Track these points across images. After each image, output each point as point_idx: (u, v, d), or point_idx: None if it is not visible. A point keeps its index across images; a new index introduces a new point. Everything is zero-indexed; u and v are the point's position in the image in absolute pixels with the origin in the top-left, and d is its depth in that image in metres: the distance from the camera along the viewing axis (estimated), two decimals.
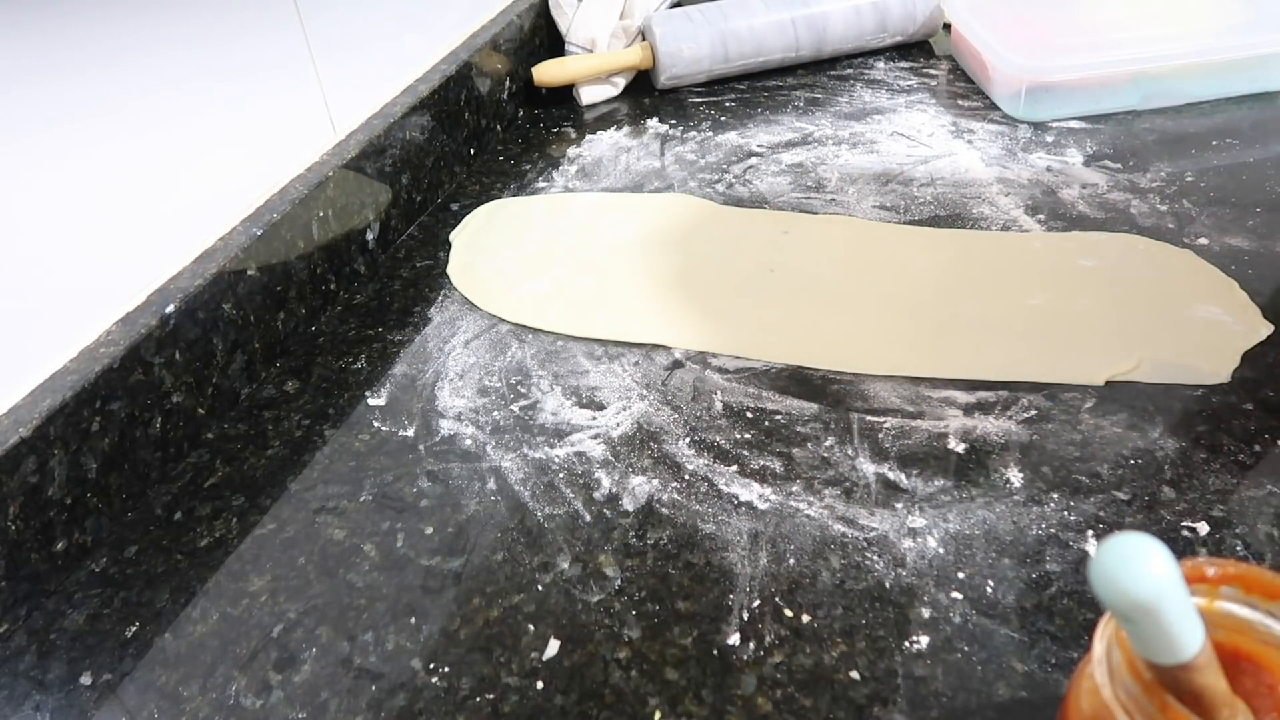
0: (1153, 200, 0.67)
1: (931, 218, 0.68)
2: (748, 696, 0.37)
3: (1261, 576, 0.28)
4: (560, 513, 0.46)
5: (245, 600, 0.43)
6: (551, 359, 0.57)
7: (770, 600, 0.40)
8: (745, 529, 0.44)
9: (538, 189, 0.78)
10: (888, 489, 0.46)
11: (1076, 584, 0.40)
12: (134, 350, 0.48)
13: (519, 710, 0.37)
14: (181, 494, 0.49)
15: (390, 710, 0.38)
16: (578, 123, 0.90)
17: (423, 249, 0.71)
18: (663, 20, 0.92)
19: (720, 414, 0.52)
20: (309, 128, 0.65)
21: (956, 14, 0.91)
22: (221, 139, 0.57)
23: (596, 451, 0.50)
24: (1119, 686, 0.27)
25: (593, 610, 0.41)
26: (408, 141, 0.72)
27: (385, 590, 0.43)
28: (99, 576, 0.45)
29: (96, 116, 0.48)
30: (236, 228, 0.57)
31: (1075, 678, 0.30)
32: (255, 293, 0.57)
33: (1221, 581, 0.29)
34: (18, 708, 0.39)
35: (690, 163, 0.79)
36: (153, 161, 0.52)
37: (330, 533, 0.46)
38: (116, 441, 0.47)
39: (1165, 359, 0.52)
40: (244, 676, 0.40)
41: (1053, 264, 0.61)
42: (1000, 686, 0.36)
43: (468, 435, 0.52)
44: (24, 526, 0.43)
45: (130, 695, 0.39)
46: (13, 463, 0.42)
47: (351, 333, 0.61)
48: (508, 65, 0.90)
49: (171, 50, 0.53)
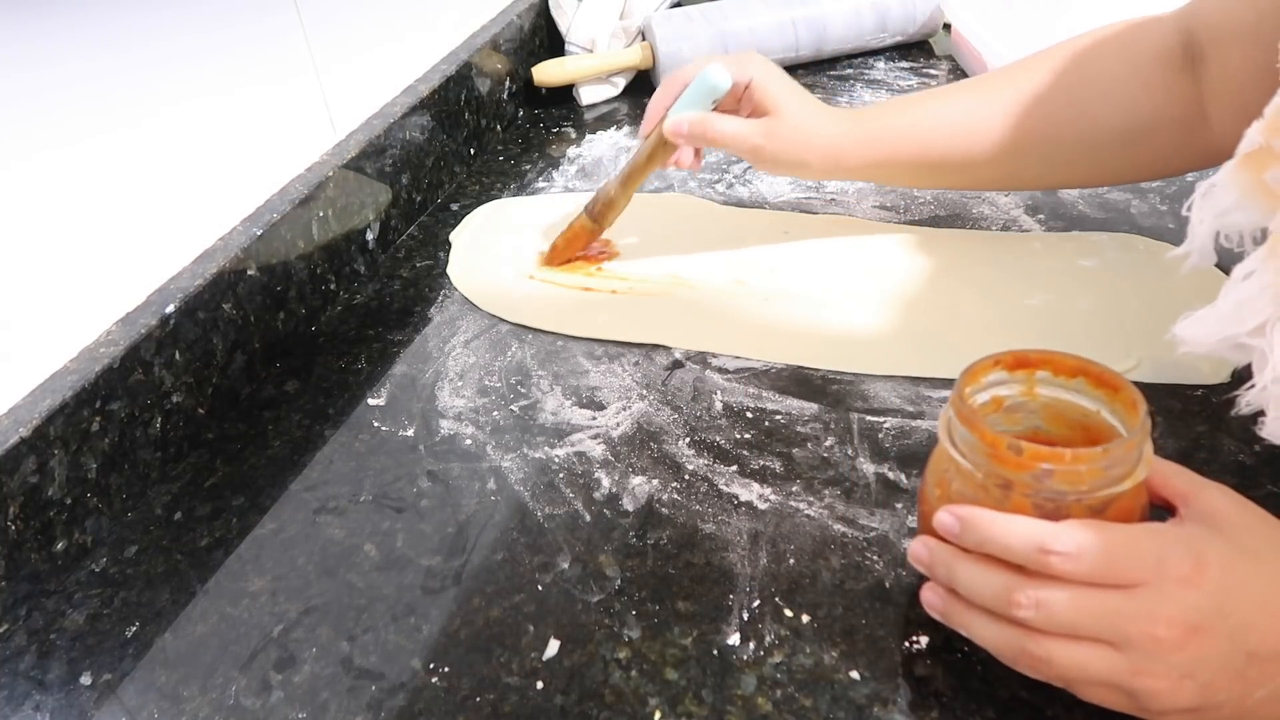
0: (1153, 200, 0.67)
1: (931, 218, 0.68)
2: (748, 696, 0.37)
3: (1065, 359, 0.37)
4: (560, 513, 0.46)
5: (245, 600, 0.43)
6: (551, 359, 0.57)
7: (770, 600, 0.40)
8: (745, 529, 0.44)
9: (538, 189, 0.78)
10: (888, 489, 0.46)
11: None
12: (134, 350, 0.48)
13: (519, 710, 0.37)
14: (181, 494, 0.49)
15: (390, 710, 0.38)
16: (578, 123, 0.90)
17: (423, 249, 0.71)
18: (663, 20, 0.92)
19: (720, 414, 0.52)
20: (309, 127, 0.65)
21: (956, 14, 0.91)
22: (221, 138, 0.57)
23: (596, 451, 0.50)
24: (954, 437, 0.35)
25: (593, 610, 0.41)
26: (408, 141, 0.72)
27: (385, 590, 0.43)
28: (99, 576, 0.45)
29: (96, 116, 0.48)
30: (236, 228, 0.57)
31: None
32: (255, 293, 0.57)
33: (1038, 365, 0.37)
34: (18, 708, 0.39)
35: None
36: (153, 161, 0.52)
37: (330, 533, 0.46)
38: (116, 441, 0.47)
39: (1165, 359, 0.52)
40: (244, 676, 0.40)
41: (1053, 264, 0.61)
42: (1000, 686, 0.36)
43: (468, 435, 0.52)
44: (24, 526, 0.43)
45: (130, 695, 0.39)
46: (13, 463, 0.42)
47: (351, 333, 0.61)
48: (508, 65, 0.90)
49: (171, 50, 0.53)
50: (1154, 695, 0.32)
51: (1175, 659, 0.31)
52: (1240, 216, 0.40)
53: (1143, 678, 0.32)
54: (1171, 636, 0.31)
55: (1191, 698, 0.32)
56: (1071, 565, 0.32)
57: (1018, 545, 0.33)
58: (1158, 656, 0.31)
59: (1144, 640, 0.31)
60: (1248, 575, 0.32)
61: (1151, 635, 0.31)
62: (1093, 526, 0.32)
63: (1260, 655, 0.31)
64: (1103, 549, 0.32)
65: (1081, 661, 0.32)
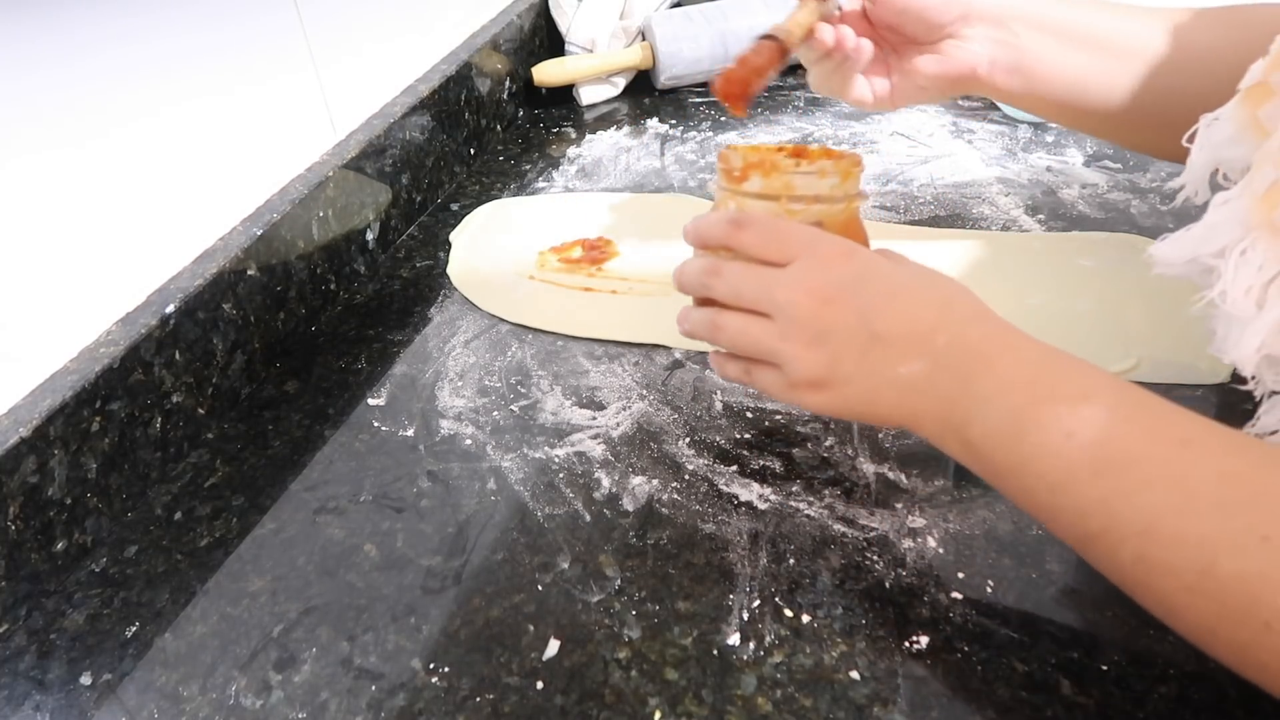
0: (1153, 200, 0.67)
1: (931, 218, 0.68)
2: (748, 696, 0.37)
3: (837, 151, 0.45)
4: (560, 513, 0.46)
5: (245, 600, 0.43)
6: (551, 359, 0.57)
7: (770, 600, 0.40)
8: (745, 529, 0.44)
9: (538, 189, 0.78)
10: (888, 489, 0.46)
11: (1077, 583, 0.40)
12: (134, 350, 0.48)
13: (519, 710, 0.37)
14: (181, 494, 0.49)
15: (390, 710, 0.38)
16: (578, 123, 0.90)
17: (423, 249, 0.71)
18: (663, 20, 0.92)
19: (720, 414, 0.52)
20: (309, 127, 0.65)
21: None
22: (221, 138, 0.57)
23: (596, 451, 0.50)
24: (716, 182, 0.44)
25: (593, 610, 0.41)
26: (408, 141, 0.72)
27: (385, 590, 0.43)
28: (99, 576, 0.45)
29: (96, 115, 0.48)
30: (236, 228, 0.57)
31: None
32: (255, 293, 0.57)
33: (818, 155, 0.45)
34: (18, 708, 0.39)
35: (690, 163, 0.79)
36: (153, 161, 0.52)
37: (330, 533, 0.46)
38: (116, 441, 0.47)
39: (1165, 359, 0.52)
40: (244, 676, 0.40)
41: (1053, 264, 0.61)
42: (1000, 686, 0.36)
43: (468, 435, 0.52)
44: (24, 526, 0.43)
45: (130, 695, 0.39)
46: (13, 463, 0.42)
47: (351, 333, 0.61)
48: (508, 65, 0.90)
49: (171, 50, 0.53)
50: (791, 360, 0.39)
51: (810, 324, 0.38)
52: (1235, 150, 0.41)
53: (785, 341, 0.39)
54: (808, 304, 0.38)
55: (821, 366, 0.38)
56: (745, 234, 0.40)
57: (713, 222, 0.42)
58: (796, 320, 0.38)
59: (788, 306, 0.38)
60: (886, 270, 0.39)
61: (793, 300, 0.38)
62: (774, 216, 0.41)
63: (883, 338, 0.37)
64: (772, 225, 0.40)
65: (745, 328, 0.40)
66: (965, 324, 0.37)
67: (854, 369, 0.38)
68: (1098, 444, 0.32)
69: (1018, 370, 0.36)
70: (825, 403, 0.39)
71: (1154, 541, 0.31)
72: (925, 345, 0.37)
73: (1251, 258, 0.36)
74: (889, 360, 0.37)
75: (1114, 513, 0.32)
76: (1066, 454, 0.33)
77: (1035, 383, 0.35)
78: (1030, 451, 0.34)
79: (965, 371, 0.36)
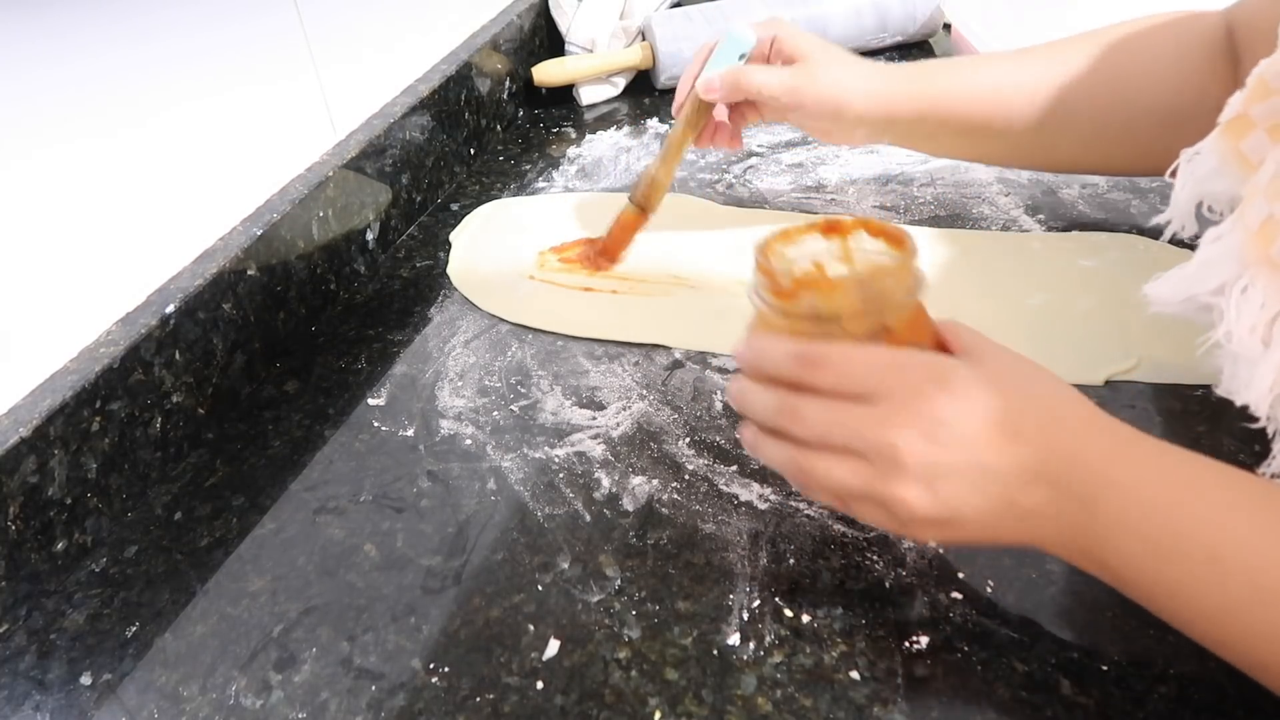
0: (1153, 200, 0.67)
1: (931, 218, 0.68)
2: (748, 696, 0.37)
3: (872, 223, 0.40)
4: (560, 513, 0.46)
5: (245, 600, 0.43)
6: (551, 359, 0.57)
7: (770, 600, 0.40)
8: (745, 529, 0.44)
9: (538, 189, 0.78)
10: None
11: (1077, 583, 0.40)
12: (134, 350, 0.48)
13: (519, 710, 0.37)
14: (181, 494, 0.49)
15: (390, 710, 0.38)
16: (578, 123, 0.90)
17: (423, 249, 0.71)
18: (663, 20, 0.92)
19: (720, 414, 0.52)
20: (309, 127, 0.65)
21: (956, 14, 0.91)
22: (221, 138, 0.57)
23: (596, 451, 0.50)
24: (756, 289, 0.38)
25: (593, 610, 0.41)
26: (408, 141, 0.72)
27: (385, 590, 0.43)
28: (99, 576, 0.45)
29: (96, 115, 0.48)
30: (236, 228, 0.57)
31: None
32: (255, 293, 0.57)
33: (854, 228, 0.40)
34: (18, 708, 0.39)
35: (690, 163, 0.79)
36: (153, 161, 0.52)
37: (330, 533, 0.46)
38: (116, 441, 0.47)
39: (1165, 359, 0.52)
40: (244, 676, 0.40)
41: (1053, 264, 0.61)
42: (1000, 686, 0.36)
43: (468, 435, 0.52)
44: (24, 526, 0.43)
45: (130, 695, 0.39)
46: (13, 463, 0.42)
47: (351, 333, 0.61)
48: (508, 65, 0.90)
49: (172, 50, 0.53)
50: (900, 503, 0.34)
51: (913, 466, 0.33)
52: (1219, 184, 0.41)
53: (888, 484, 0.34)
54: (907, 444, 0.33)
55: (933, 506, 0.34)
56: (821, 373, 0.35)
57: (780, 358, 0.36)
58: (897, 463, 0.33)
59: (884, 447, 0.34)
60: (986, 396, 0.34)
61: (890, 443, 0.33)
62: (848, 344, 0.36)
63: (993, 470, 0.33)
64: (849, 358, 0.35)
65: (837, 473, 0.35)
66: (1078, 440, 0.34)
67: (967, 505, 0.34)
68: (1254, 569, 0.30)
69: (1145, 491, 0.33)
70: (943, 538, 0.37)
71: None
72: (1041, 472, 0.34)
73: (1253, 295, 0.35)
74: (1005, 492, 0.34)
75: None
76: (1218, 581, 0.31)
77: (1171, 506, 0.32)
78: (1178, 578, 0.32)
79: (1089, 496, 0.33)
